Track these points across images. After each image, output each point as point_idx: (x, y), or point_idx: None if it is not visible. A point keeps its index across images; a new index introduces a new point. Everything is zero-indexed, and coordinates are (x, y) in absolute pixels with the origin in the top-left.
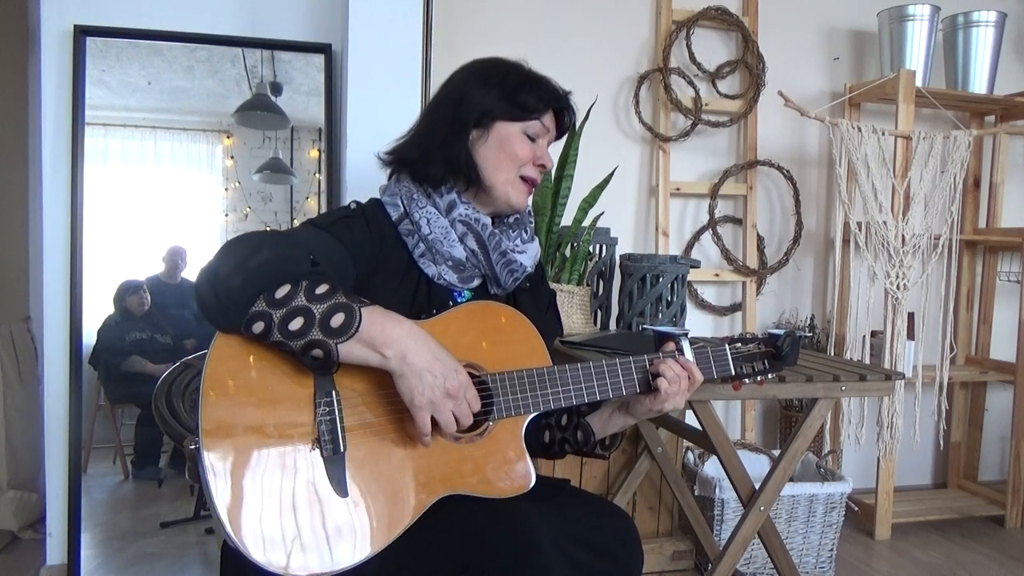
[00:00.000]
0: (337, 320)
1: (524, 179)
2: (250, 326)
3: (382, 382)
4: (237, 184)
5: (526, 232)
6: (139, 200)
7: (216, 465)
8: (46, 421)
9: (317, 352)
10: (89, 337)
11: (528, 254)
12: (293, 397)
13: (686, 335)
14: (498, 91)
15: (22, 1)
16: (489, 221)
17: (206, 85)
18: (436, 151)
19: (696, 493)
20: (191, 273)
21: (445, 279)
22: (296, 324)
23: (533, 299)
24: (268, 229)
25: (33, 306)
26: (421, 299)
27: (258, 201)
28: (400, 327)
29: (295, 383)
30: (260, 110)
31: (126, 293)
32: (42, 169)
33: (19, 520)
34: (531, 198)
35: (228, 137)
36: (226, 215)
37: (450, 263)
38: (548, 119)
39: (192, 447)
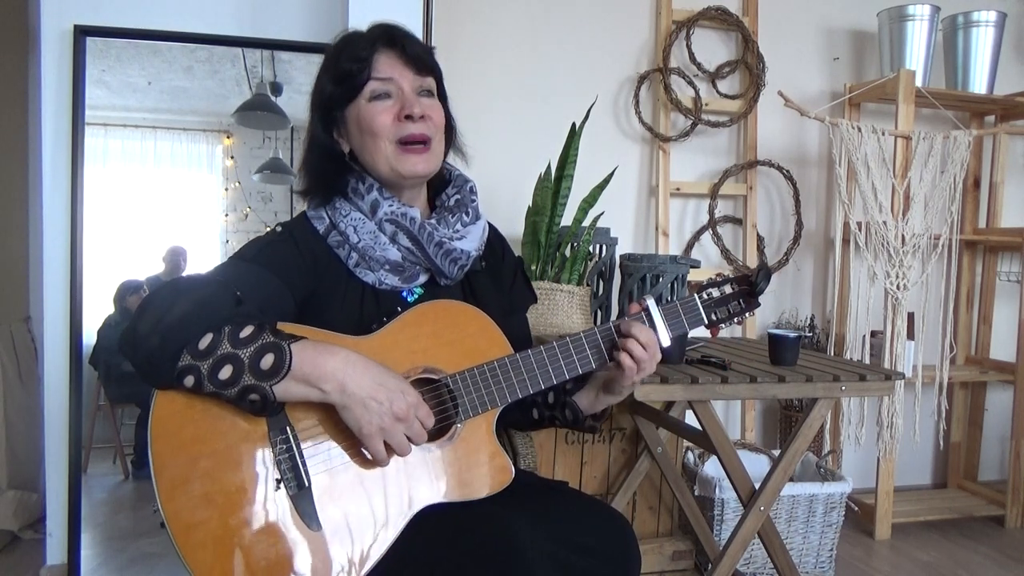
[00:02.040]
0: (267, 362)
1: (404, 142)
2: (181, 380)
3: (335, 409)
4: (237, 184)
5: (467, 214)
6: (139, 200)
7: (181, 528)
8: (46, 421)
9: (254, 396)
10: (89, 337)
11: (470, 237)
12: (248, 439)
13: (685, 335)
14: (328, 77)
15: (22, 1)
16: (417, 214)
17: (206, 85)
18: (322, 174)
19: (696, 493)
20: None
21: (387, 283)
22: (225, 373)
23: (491, 279)
24: (186, 275)
25: (33, 306)
26: (369, 309)
27: (258, 201)
28: (334, 358)
29: (248, 424)
30: (260, 110)
31: (126, 293)
32: (42, 169)
33: (19, 520)
34: (465, 160)
35: (228, 137)
36: (226, 215)
37: (387, 267)
38: (384, 65)
39: (153, 511)
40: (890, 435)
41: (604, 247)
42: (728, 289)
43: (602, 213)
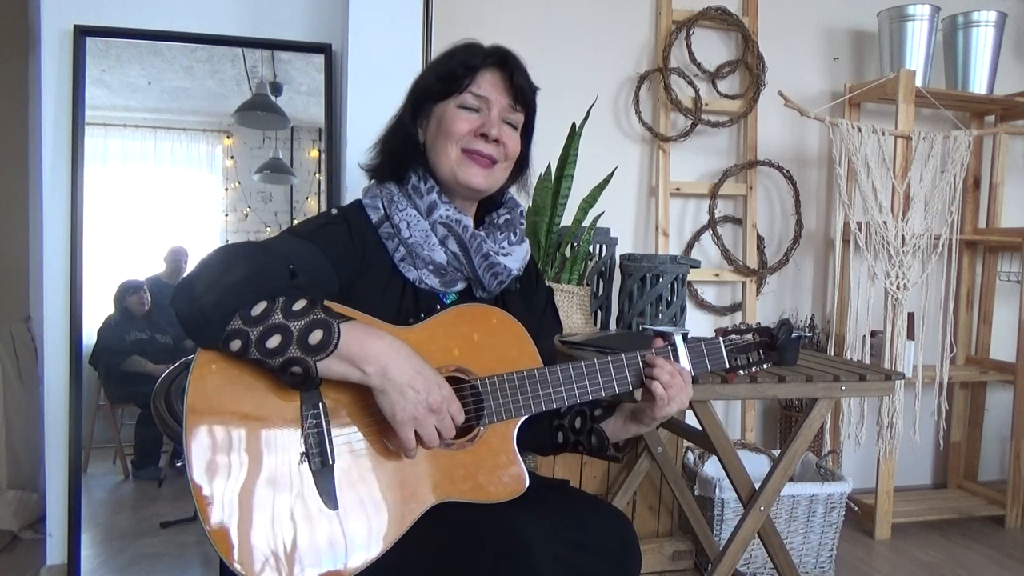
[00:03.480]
0: (315, 337)
1: (470, 154)
2: (228, 344)
3: (367, 393)
4: (237, 184)
5: (514, 234)
6: (139, 200)
7: (204, 484)
8: (46, 421)
9: (296, 369)
10: (89, 337)
11: (514, 256)
12: (279, 411)
13: (686, 335)
14: (433, 71)
15: (22, 1)
16: (471, 223)
17: (206, 85)
18: (396, 149)
19: (696, 493)
20: None
21: (427, 283)
22: (273, 342)
23: (524, 301)
24: (245, 241)
25: (33, 306)
26: (407, 304)
27: (258, 201)
28: (380, 342)
29: (280, 397)
30: (260, 110)
31: (126, 293)
32: (42, 169)
33: (19, 520)
34: (528, 199)
35: (228, 137)
36: (226, 215)
37: (431, 267)
38: (487, 83)
39: (178, 464)
40: (890, 435)
41: (604, 247)
42: (750, 338)
43: (602, 213)
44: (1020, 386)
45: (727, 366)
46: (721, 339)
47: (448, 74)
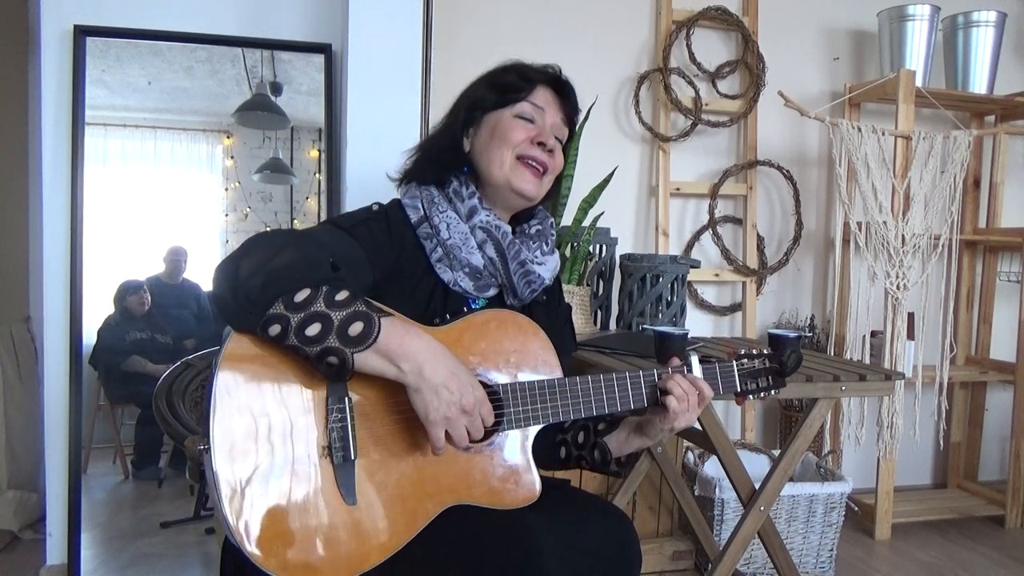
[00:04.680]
0: (355, 329)
1: (525, 160)
2: (267, 328)
3: (394, 390)
4: (237, 184)
5: (547, 244)
6: (139, 200)
7: (224, 468)
8: (46, 421)
9: (332, 359)
10: (89, 337)
11: (547, 266)
12: (305, 401)
13: (686, 335)
14: (486, 82)
15: (22, 1)
16: (509, 229)
17: (206, 85)
18: (441, 154)
19: (696, 493)
20: (191, 274)
21: (461, 286)
22: (313, 330)
23: (548, 314)
24: (288, 228)
25: (33, 306)
26: (436, 304)
27: (258, 201)
28: (419, 340)
29: (308, 387)
30: (260, 110)
31: (126, 293)
32: (42, 169)
33: (19, 520)
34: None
35: (228, 137)
36: (226, 215)
37: (467, 269)
38: (541, 97)
39: (201, 448)
40: (890, 435)
41: (604, 247)
42: (761, 363)
43: (602, 213)
44: (1020, 386)
45: (738, 389)
46: (735, 363)
47: (505, 86)
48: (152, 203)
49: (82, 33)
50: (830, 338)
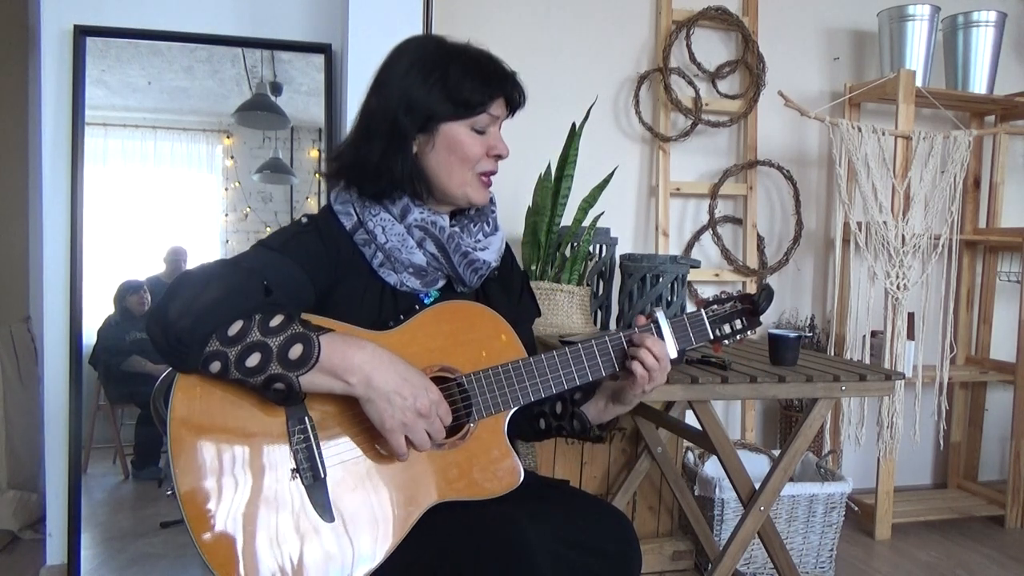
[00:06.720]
0: (295, 352)
1: (482, 175)
2: (207, 366)
3: (352, 402)
4: (237, 184)
5: (488, 224)
6: (139, 200)
7: (197, 511)
8: (46, 421)
9: (279, 386)
10: (89, 337)
11: (491, 249)
12: (266, 428)
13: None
14: (440, 90)
15: (22, 1)
16: (447, 222)
17: (206, 85)
18: (378, 164)
19: (696, 493)
20: None
21: (408, 285)
22: (253, 360)
23: (502, 288)
24: (218, 259)
25: (33, 306)
26: (387, 307)
27: (258, 201)
28: (362, 352)
29: (266, 414)
30: (260, 110)
31: (126, 293)
32: (42, 169)
33: (19, 520)
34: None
35: (228, 137)
36: (226, 215)
37: (411, 270)
38: (496, 107)
39: (168, 493)
40: (890, 435)
41: (604, 247)
42: (732, 306)
43: (602, 213)
44: (1020, 386)
45: (711, 337)
46: (703, 311)
47: (463, 101)
48: (152, 203)
49: (82, 33)
50: (830, 338)
